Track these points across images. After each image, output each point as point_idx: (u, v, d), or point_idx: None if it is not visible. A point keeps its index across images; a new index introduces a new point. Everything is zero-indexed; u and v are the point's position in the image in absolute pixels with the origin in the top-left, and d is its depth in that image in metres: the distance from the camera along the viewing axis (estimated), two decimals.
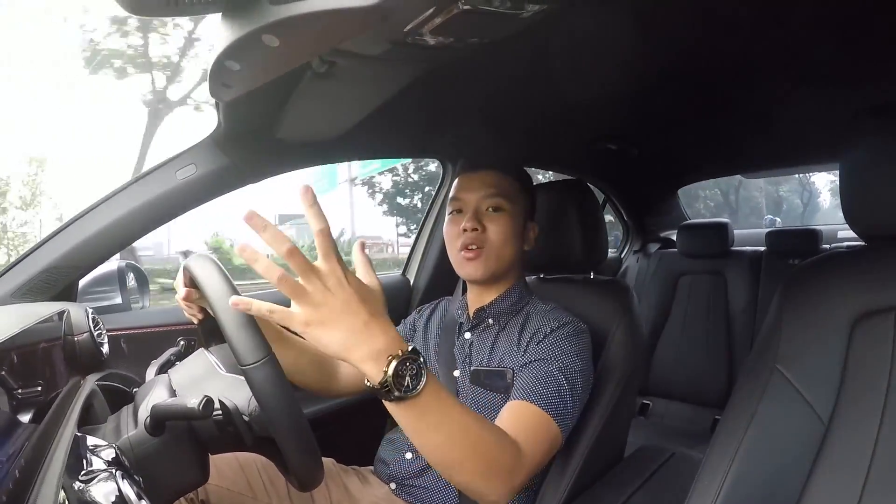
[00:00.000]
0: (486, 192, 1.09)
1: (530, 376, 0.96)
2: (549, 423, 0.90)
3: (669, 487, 1.06)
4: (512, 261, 1.11)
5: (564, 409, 0.93)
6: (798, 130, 1.78)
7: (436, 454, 0.71)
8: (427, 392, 0.65)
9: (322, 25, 0.64)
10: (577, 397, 0.96)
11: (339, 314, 0.61)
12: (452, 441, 0.70)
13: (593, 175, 2.42)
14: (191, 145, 1.23)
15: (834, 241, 2.75)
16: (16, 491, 0.53)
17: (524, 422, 0.89)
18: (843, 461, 0.70)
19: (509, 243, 1.09)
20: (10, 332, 0.73)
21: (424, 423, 0.68)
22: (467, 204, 1.10)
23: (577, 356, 0.99)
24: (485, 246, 1.07)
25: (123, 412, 0.82)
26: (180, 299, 0.91)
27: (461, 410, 0.72)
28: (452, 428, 0.69)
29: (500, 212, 1.08)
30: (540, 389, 0.93)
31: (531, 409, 0.91)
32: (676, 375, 2.42)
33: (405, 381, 0.63)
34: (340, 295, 0.61)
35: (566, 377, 0.95)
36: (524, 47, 1.00)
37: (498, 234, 1.07)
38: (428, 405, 0.67)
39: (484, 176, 1.10)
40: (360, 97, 1.06)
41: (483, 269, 1.08)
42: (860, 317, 0.74)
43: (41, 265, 1.16)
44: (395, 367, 0.62)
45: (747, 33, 1.00)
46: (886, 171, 0.73)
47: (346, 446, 1.20)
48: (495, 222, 1.08)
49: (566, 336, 1.02)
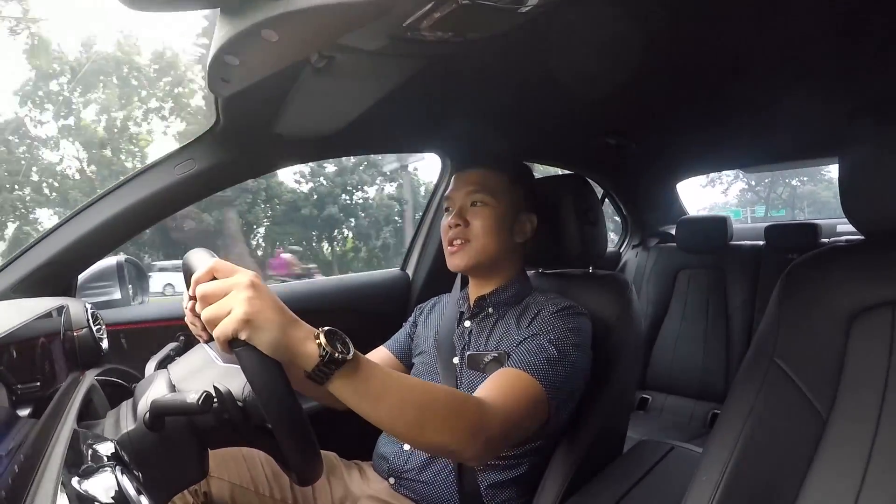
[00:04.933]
0: (469, 189, 1.14)
1: (521, 350, 0.99)
2: (529, 381, 0.92)
3: (669, 481, 1.06)
4: (499, 251, 1.14)
5: (553, 374, 0.94)
6: (797, 125, 1.77)
7: (393, 422, 0.71)
8: (361, 360, 0.68)
9: (321, 20, 0.64)
10: (571, 369, 0.97)
11: (270, 313, 0.63)
12: (402, 403, 0.71)
13: (592, 169, 2.41)
14: (189, 141, 1.23)
15: (833, 236, 2.76)
16: (15, 486, 0.53)
17: (499, 381, 0.92)
18: (841, 454, 0.70)
19: (492, 234, 1.12)
20: (9, 327, 0.73)
21: (371, 392, 0.69)
22: (455, 202, 1.16)
23: (571, 331, 1.01)
24: (467, 239, 1.12)
25: (123, 407, 0.82)
26: (188, 313, 0.86)
27: (400, 374, 0.74)
28: (396, 391, 0.71)
29: (484, 206, 1.13)
30: (527, 357, 0.95)
31: (511, 371, 0.94)
32: (675, 370, 2.43)
33: (338, 348, 0.65)
34: (264, 297, 0.63)
35: (556, 347, 0.97)
36: (523, 42, 0.99)
37: (479, 226, 1.12)
38: (367, 373, 0.68)
39: (469, 175, 1.16)
40: (360, 92, 1.06)
41: (466, 259, 1.13)
42: (859, 311, 0.74)
43: (40, 260, 1.16)
44: (324, 337, 0.64)
45: (746, 28, 1.00)
46: (885, 166, 0.73)
47: (348, 440, 1.20)
48: (478, 216, 1.13)
49: (562, 315, 1.04)
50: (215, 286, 0.63)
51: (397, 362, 1.27)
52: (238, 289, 0.62)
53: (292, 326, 0.64)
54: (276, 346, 0.62)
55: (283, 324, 0.63)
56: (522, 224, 1.18)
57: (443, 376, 1.14)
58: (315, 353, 0.63)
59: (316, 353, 0.63)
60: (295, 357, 0.63)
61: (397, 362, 1.27)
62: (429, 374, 1.18)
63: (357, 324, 1.68)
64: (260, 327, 0.61)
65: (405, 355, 1.28)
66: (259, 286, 0.63)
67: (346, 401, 0.68)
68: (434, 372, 1.17)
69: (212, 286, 0.63)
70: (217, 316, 0.61)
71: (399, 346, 1.29)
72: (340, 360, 0.64)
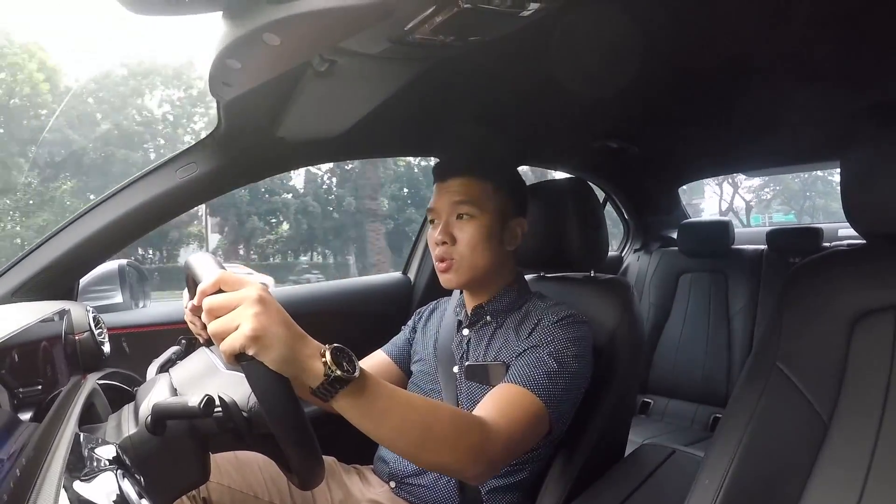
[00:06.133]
0: (453, 200, 1.09)
1: (521, 362, 0.98)
2: (530, 399, 0.92)
3: (670, 485, 1.06)
4: (489, 264, 1.10)
5: (553, 389, 0.93)
6: (799, 128, 1.77)
7: (395, 441, 0.72)
8: (366, 378, 0.67)
9: (322, 24, 0.64)
10: (570, 381, 0.97)
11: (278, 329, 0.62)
12: (405, 423, 0.71)
13: (594, 173, 2.42)
14: (191, 144, 1.23)
15: (835, 240, 2.75)
16: (17, 490, 0.53)
17: (500, 399, 0.91)
18: (843, 459, 0.70)
19: (480, 249, 1.08)
20: (10, 330, 0.73)
21: (375, 410, 0.69)
22: (439, 214, 1.11)
23: (571, 342, 1.00)
24: (455, 257, 1.08)
25: (124, 411, 0.82)
26: (187, 312, 0.91)
27: (405, 393, 0.74)
28: (400, 411, 0.71)
29: (469, 218, 1.09)
30: (527, 372, 0.95)
31: (513, 388, 0.93)
32: (677, 374, 2.42)
33: (344, 366, 0.64)
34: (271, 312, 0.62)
35: (556, 360, 0.96)
36: (525, 45, 1.00)
37: (467, 243, 1.08)
38: (373, 391, 0.68)
39: (451, 184, 1.10)
40: (361, 95, 1.06)
41: (457, 278, 1.09)
42: (860, 315, 0.74)
43: (42, 264, 1.16)
44: (330, 355, 0.64)
45: (748, 31, 1.00)
46: (887, 170, 0.73)
47: (347, 445, 1.20)
48: (464, 230, 1.08)
49: (562, 325, 1.03)
50: (222, 300, 0.62)
51: (395, 367, 1.26)
52: (246, 304, 0.61)
53: (300, 343, 0.63)
54: (283, 362, 0.62)
55: (290, 341, 0.62)
56: (512, 230, 1.14)
57: (443, 386, 1.14)
58: (321, 372, 0.63)
59: (321, 372, 0.63)
60: (301, 373, 0.63)
61: (395, 367, 1.26)
62: (429, 383, 1.17)
63: (359, 327, 1.69)
64: (268, 345, 0.60)
65: (404, 360, 1.27)
66: (267, 301, 0.62)
67: (349, 418, 0.68)
68: (434, 381, 1.16)
69: (219, 300, 0.62)
70: (224, 331, 0.61)
71: (398, 350, 1.28)
72: (345, 380, 0.64)
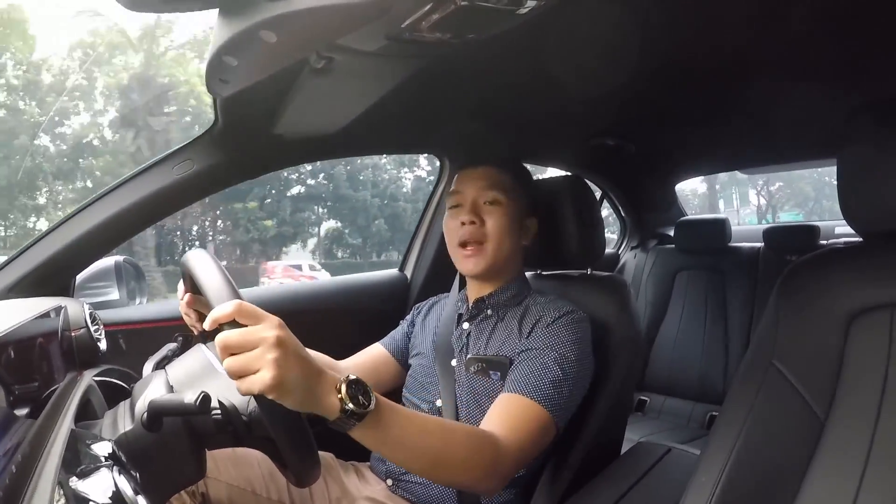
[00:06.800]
0: (483, 185, 1.11)
1: (525, 368, 0.98)
2: (538, 411, 0.92)
3: (666, 483, 1.06)
4: (510, 254, 1.13)
5: (559, 398, 0.94)
6: (796, 126, 1.77)
7: (410, 465, 0.76)
8: (382, 407, 0.69)
9: (320, 21, 0.64)
10: (574, 385, 0.98)
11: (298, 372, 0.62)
12: (421, 447, 0.74)
13: (591, 171, 2.41)
14: (188, 141, 1.23)
15: (831, 237, 2.75)
16: (13, 486, 0.53)
17: (509, 412, 0.92)
18: (840, 456, 0.70)
19: (507, 237, 1.10)
20: (7, 327, 0.73)
21: (391, 437, 0.71)
22: (466, 197, 1.12)
23: (575, 344, 1.01)
24: (484, 241, 1.09)
25: (120, 407, 0.82)
26: (182, 304, 0.92)
27: (420, 417, 0.76)
28: (416, 437, 0.73)
29: (498, 205, 1.10)
30: (533, 381, 0.95)
31: (520, 400, 0.94)
32: (674, 371, 2.42)
33: (360, 400, 0.66)
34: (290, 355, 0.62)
35: (561, 366, 0.97)
36: (521, 43, 0.99)
37: (496, 227, 1.09)
38: (387, 420, 0.70)
39: (483, 171, 1.13)
40: (358, 93, 1.06)
41: (483, 265, 1.10)
42: (857, 313, 0.74)
43: (38, 260, 1.16)
44: (345, 389, 0.65)
45: (744, 28, 1.00)
46: (884, 167, 0.73)
47: (345, 441, 1.19)
48: (493, 215, 1.10)
49: (565, 324, 1.03)
50: (240, 339, 0.61)
51: (393, 361, 1.27)
52: (265, 346, 0.60)
53: (316, 382, 0.64)
54: (301, 404, 0.63)
55: (308, 381, 0.63)
56: (527, 227, 1.17)
57: (441, 379, 1.14)
58: (337, 408, 0.65)
59: (338, 408, 0.65)
60: (317, 410, 0.64)
61: (393, 361, 1.27)
62: (426, 377, 1.17)
63: (356, 325, 1.69)
64: (288, 390, 0.61)
65: (402, 354, 1.28)
66: (286, 342, 0.61)
67: (365, 445, 0.70)
68: (432, 374, 1.16)
69: (235, 338, 0.61)
70: (243, 371, 0.60)
71: (396, 344, 1.29)
72: (361, 414, 0.66)
